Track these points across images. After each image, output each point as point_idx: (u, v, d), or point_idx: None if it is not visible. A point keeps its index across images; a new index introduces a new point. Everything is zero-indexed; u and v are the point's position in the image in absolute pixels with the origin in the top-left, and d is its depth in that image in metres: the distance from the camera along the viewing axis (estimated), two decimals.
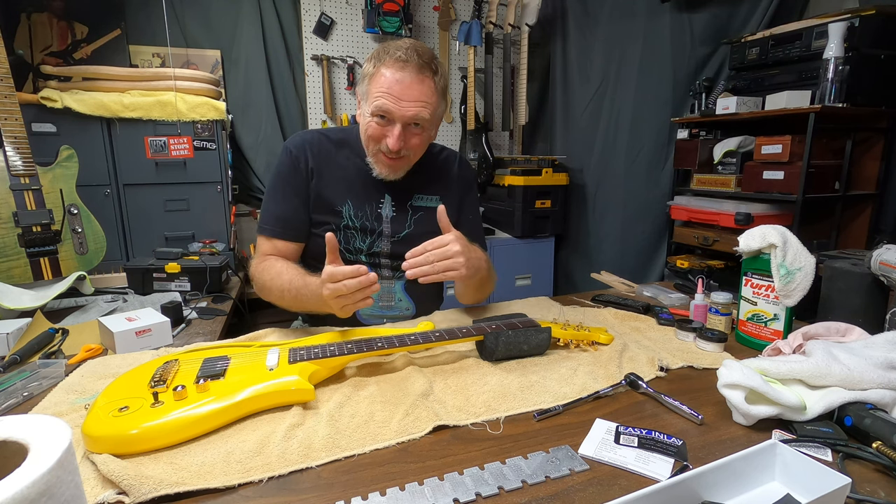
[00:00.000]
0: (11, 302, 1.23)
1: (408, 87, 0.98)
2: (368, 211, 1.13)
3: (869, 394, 0.66)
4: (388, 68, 0.99)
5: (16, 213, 1.52)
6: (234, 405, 0.68)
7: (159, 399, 0.67)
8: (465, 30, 2.85)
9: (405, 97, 0.98)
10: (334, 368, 0.83)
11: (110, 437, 0.61)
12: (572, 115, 2.87)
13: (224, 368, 0.75)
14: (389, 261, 1.15)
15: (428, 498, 0.54)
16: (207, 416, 0.66)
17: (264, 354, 0.80)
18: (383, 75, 0.99)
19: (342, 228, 1.12)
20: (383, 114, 1.00)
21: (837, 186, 1.92)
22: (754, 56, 2.06)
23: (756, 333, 0.96)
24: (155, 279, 1.55)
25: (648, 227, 2.59)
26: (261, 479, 0.58)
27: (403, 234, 1.15)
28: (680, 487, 0.49)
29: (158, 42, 2.45)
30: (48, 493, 0.34)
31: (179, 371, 0.75)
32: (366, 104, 1.03)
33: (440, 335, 0.86)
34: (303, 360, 0.78)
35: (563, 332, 0.95)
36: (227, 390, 0.70)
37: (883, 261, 0.93)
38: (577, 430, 0.67)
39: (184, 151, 2.14)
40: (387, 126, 1.02)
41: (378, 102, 0.99)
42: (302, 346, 0.83)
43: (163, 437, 0.63)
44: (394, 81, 0.98)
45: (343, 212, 1.11)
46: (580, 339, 0.95)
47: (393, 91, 0.98)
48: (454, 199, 1.21)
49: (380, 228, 1.14)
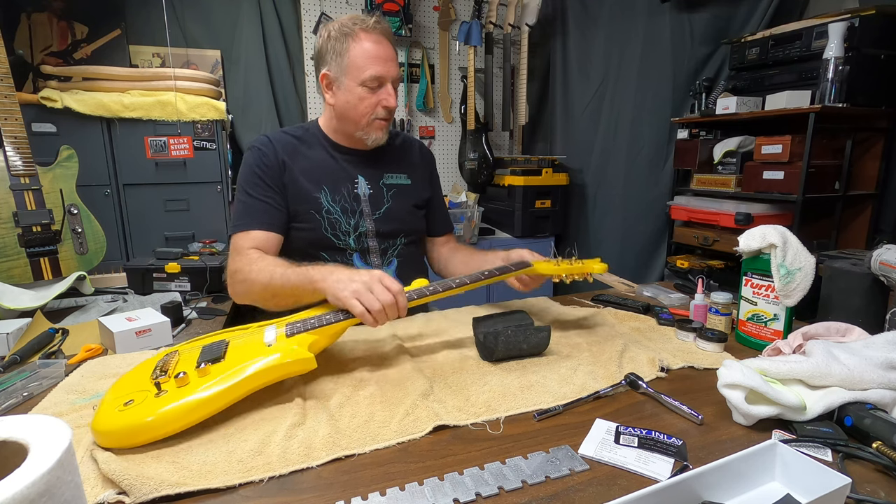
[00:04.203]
0: (11, 302, 1.23)
1: (387, 50, 1.09)
2: (345, 192, 1.15)
3: (869, 394, 0.66)
4: (365, 40, 1.07)
5: (16, 213, 1.52)
6: (236, 385, 0.69)
7: (162, 388, 0.67)
8: (465, 30, 2.85)
9: (389, 59, 1.09)
10: (334, 336, 0.83)
11: (117, 431, 0.62)
12: (572, 115, 2.87)
13: (223, 350, 0.76)
14: (377, 243, 1.17)
15: (428, 498, 0.54)
16: (210, 398, 0.66)
17: (262, 332, 0.81)
18: (363, 46, 1.07)
19: (324, 215, 1.13)
20: (378, 80, 1.08)
21: (837, 186, 1.92)
22: (754, 56, 2.06)
23: (756, 333, 0.96)
24: (155, 279, 1.54)
25: (648, 227, 2.59)
26: (261, 478, 0.58)
27: (383, 209, 1.19)
28: (680, 487, 0.49)
29: (158, 42, 2.45)
30: (48, 493, 0.34)
31: (180, 360, 0.76)
32: (347, 79, 1.09)
33: (434, 289, 0.87)
34: (300, 332, 0.78)
35: (557, 268, 0.95)
36: (228, 371, 0.70)
37: (883, 261, 0.93)
38: (577, 430, 0.67)
39: (184, 151, 2.14)
40: (376, 91, 1.09)
41: (371, 70, 1.07)
42: (298, 320, 0.83)
43: (169, 424, 0.64)
44: (377, 49, 1.08)
45: (321, 198, 1.13)
46: (574, 272, 0.95)
47: (380, 56, 1.08)
48: (424, 177, 1.30)
49: (360, 208, 1.16)
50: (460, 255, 1.30)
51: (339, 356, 0.92)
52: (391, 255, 1.20)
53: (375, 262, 1.18)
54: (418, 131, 3.05)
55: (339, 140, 1.19)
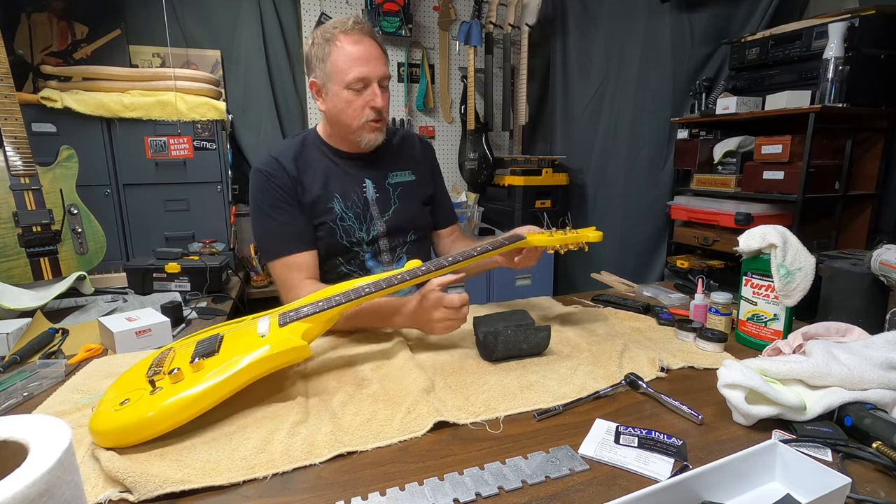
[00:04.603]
0: (11, 302, 1.23)
1: (368, 49, 1.07)
2: (356, 198, 1.15)
3: (869, 394, 0.66)
4: (346, 42, 1.06)
5: (16, 213, 1.52)
6: (231, 377, 0.69)
7: (157, 386, 0.68)
8: (465, 30, 2.85)
9: (372, 58, 1.07)
10: (328, 322, 0.83)
11: (114, 430, 0.62)
12: (572, 115, 2.87)
13: (217, 344, 0.76)
14: (387, 242, 1.18)
15: (428, 498, 0.54)
16: (205, 392, 0.66)
17: (255, 324, 0.81)
18: (344, 49, 1.05)
19: (338, 223, 1.13)
20: (362, 81, 1.06)
21: (837, 186, 1.92)
22: (754, 56, 2.06)
23: (756, 333, 0.96)
24: (155, 279, 1.54)
25: (648, 227, 2.59)
26: (265, 475, 0.58)
27: (392, 210, 1.19)
28: (680, 487, 0.49)
29: (158, 42, 2.45)
30: (48, 493, 0.34)
31: (175, 357, 0.76)
32: (333, 84, 1.08)
33: (426, 269, 0.88)
34: (293, 321, 0.78)
35: (551, 239, 0.94)
36: (222, 364, 0.70)
37: (883, 261, 0.93)
38: (577, 430, 0.67)
39: (184, 151, 2.14)
40: (362, 93, 1.08)
41: (354, 73, 1.05)
42: (291, 309, 0.83)
43: (165, 420, 0.64)
44: (358, 50, 1.06)
45: (334, 206, 1.12)
46: (568, 241, 0.94)
47: (362, 57, 1.06)
48: (426, 172, 1.29)
49: (369, 212, 1.16)
50: (462, 244, 1.31)
51: (342, 355, 0.92)
52: (400, 252, 1.20)
53: (386, 260, 1.18)
54: (418, 131, 3.05)
55: (338, 145, 1.17)
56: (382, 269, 1.17)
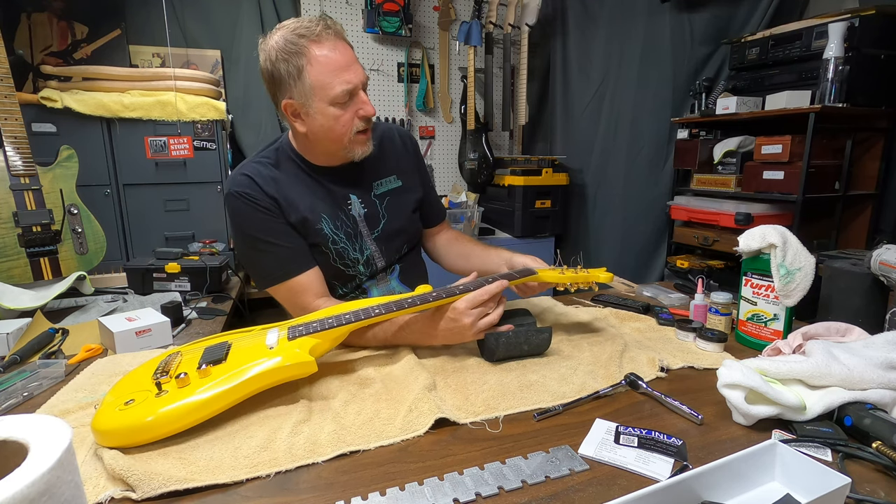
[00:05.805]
0: (11, 302, 1.23)
1: (345, 54, 0.95)
2: (343, 217, 1.06)
3: (869, 394, 0.66)
4: (320, 53, 0.92)
5: (16, 213, 1.52)
6: (236, 387, 0.69)
7: (163, 388, 0.68)
8: (465, 30, 2.85)
9: (352, 63, 0.96)
10: (336, 339, 0.83)
11: (117, 430, 0.62)
12: (572, 115, 2.87)
13: (225, 353, 0.76)
14: (382, 259, 1.12)
15: (428, 498, 0.54)
16: (210, 400, 0.67)
17: (264, 335, 0.81)
18: (320, 62, 0.92)
19: (330, 247, 1.04)
20: (349, 93, 0.95)
21: (837, 186, 1.92)
22: (754, 56, 2.06)
23: (756, 333, 0.96)
24: (155, 279, 1.55)
25: (648, 227, 2.59)
26: (268, 473, 0.58)
27: (381, 225, 1.10)
28: (680, 487, 0.49)
29: (158, 42, 2.45)
30: (48, 492, 0.34)
31: (182, 361, 0.76)
32: (316, 101, 0.95)
33: (437, 294, 0.87)
34: (302, 336, 0.78)
35: (562, 277, 0.94)
36: (228, 373, 0.70)
37: (883, 261, 0.93)
38: (577, 430, 0.67)
39: (184, 151, 2.14)
40: (349, 104, 0.97)
41: (340, 87, 0.94)
42: (300, 323, 0.83)
43: (169, 424, 0.64)
44: (336, 59, 0.93)
45: (323, 228, 1.03)
46: (579, 280, 0.94)
47: (341, 64, 0.94)
48: (412, 171, 1.19)
49: (359, 230, 1.08)
50: (458, 248, 1.25)
51: (345, 356, 0.93)
52: (394, 263, 1.16)
53: (382, 278, 1.14)
54: (418, 131, 3.05)
55: (316, 160, 1.05)
56: (379, 288, 1.13)
